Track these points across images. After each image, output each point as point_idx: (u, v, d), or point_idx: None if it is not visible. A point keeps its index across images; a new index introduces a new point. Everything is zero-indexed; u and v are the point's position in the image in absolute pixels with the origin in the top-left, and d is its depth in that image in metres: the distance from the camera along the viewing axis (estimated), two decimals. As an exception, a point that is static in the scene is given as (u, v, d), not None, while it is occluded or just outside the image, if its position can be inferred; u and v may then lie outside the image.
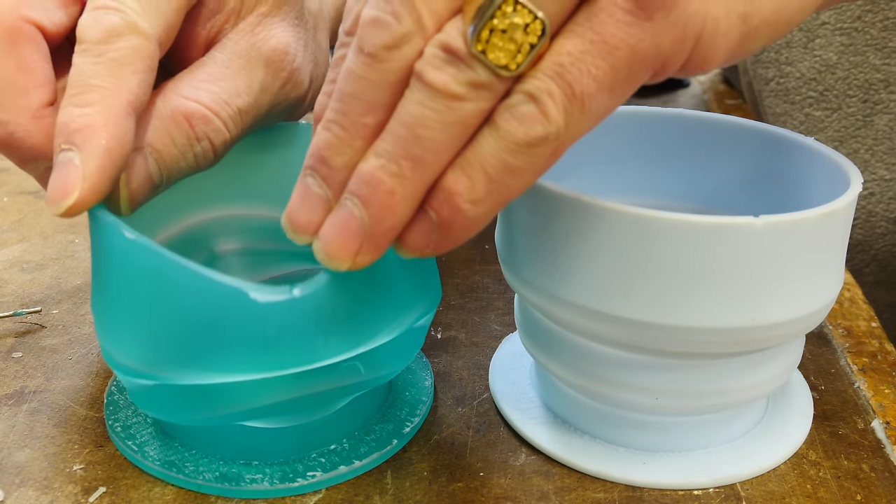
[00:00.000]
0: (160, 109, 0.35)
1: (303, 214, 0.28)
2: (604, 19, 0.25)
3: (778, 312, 0.32)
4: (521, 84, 0.25)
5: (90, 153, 0.31)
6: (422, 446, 0.37)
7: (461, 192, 0.26)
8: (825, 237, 0.32)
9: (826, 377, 0.41)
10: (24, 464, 0.35)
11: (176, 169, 0.35)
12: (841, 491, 0.34)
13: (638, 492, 0.34)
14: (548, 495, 0.34)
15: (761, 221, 0.30)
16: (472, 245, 0.51)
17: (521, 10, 0.25)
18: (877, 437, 0.37)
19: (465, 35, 0.25)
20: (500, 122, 0.26)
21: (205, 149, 0.36)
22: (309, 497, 0.34)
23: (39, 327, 0.44)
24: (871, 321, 0.45)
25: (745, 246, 0.30)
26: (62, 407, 0.39)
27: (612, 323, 0.32)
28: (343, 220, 0.27)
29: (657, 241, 0.30)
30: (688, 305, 0.31)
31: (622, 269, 0.31)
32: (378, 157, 0.26)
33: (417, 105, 0.26)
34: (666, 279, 0.31)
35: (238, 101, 0.37)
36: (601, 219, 0.31)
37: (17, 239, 0.52)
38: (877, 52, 0.58)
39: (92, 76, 0.32)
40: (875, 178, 0.60)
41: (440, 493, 0.34)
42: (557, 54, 0.25)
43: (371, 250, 0.27)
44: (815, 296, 0.33)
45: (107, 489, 0.34)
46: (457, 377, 0.41)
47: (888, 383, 0.40)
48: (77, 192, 0.31)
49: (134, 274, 0.31)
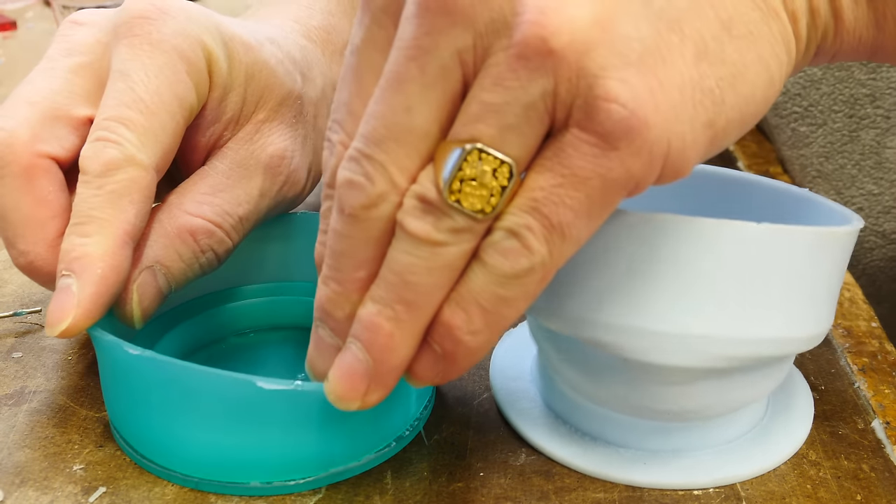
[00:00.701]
0: (166, 227, 0.37)
1: (320, 363, 0.30)
2: (571, 154, 0.26)
3: (770, 328, 0.32)
4: (501, 221, 0.26)
5: (86, 281, 0.34)
6: (422, 446, 0.37)
7: (460, 325, 0.28)
8: (824, 258, 0.32)
9: (826, 377, 0.41)
10: (24, 464, 0.35)
11: (183, 279, 0.38)
12: (841, 491, 0.34)
13: (638, 492, 0.34)
14: (548, 495, 0.34)
15: (763, 226, 0.30)
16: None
17: (486, 158, 0.26)
18: (877, 437, 0.37)
19: (437, 186, 0.26)
20: (486, 258, 0.27)
21: (209, 259, 0.38)
22: (309, 497, 0.34)
23: (39, 327, 0.44)
24: (871, 321, 0.45)
25: (743, 250, 0.31)
26: (62, 407, 0.39)
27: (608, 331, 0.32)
28: (349, 365, 0.29)
29: (662, 241, 0.30)
30: (686, 311, 0.31)
31: (622, 274, 0.31)
32: (375, 303, 0.28)
33: (404, 254, 0.27)
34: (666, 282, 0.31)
35: (239, 210, 0.39)
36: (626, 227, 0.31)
37: (17, 239, 0.52)
38: (862, 66, 0.58)
39: (92, 207, 0.35)
40: (863, 193, 0.60)
41: (440, 493, 0.34)
42: (531, 190, 0.26)
43: (379, 389, 0.29)
44: (805, 321, 0.33)
45: (107, 489, 0.34)
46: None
47: (888, 383, 0.40)
48: (71, 317, 0.34)
49: (142, 383, 0.34)
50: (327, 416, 0.33)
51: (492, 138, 0.26)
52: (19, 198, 0.36)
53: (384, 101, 0.26)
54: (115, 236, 0.35)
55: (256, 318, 0.44)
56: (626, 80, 0.25)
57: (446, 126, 0.27)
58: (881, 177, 0.59)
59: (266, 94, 0.41)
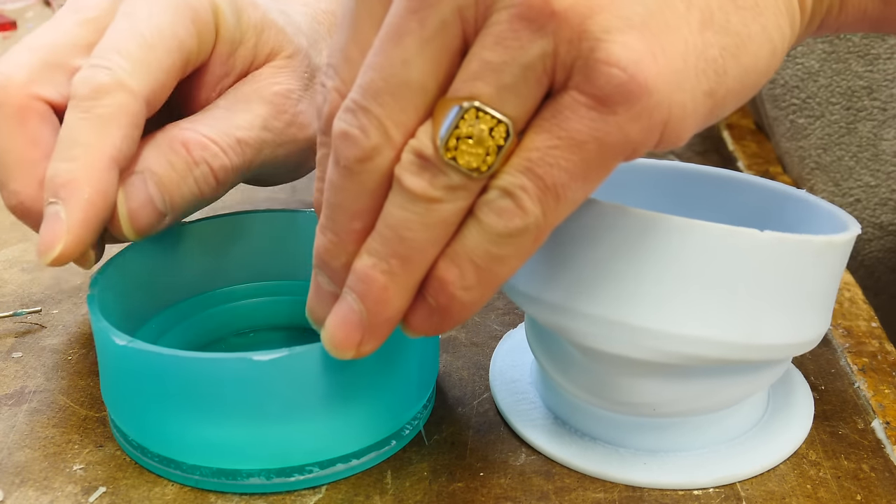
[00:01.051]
0: (158, 139, 0.37)
1: (319, 310, 0.30)
2: (568, 116, 0.25)
3: (769, 334, 0.32)
4: (496, 180, 0.26)
5: (73, 206, 0.34)
6: (421, 446, 0.37)
7: (453, 280, 0.28)
8: (822, 266, 0.32)
9: (826, 377, 0.41)
10: (24, 464, 0.35)
11: (178, 195, 0.37)
12: (841, 491, 0.34)
13: (638, 492, 0.34)
14: (548, 495, 0.34)
15: (766, 234, 0.30)
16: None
17: (483, 116, 0.26)
18: (877, 437, 0.37)
19: (434, 142, 0.26)
20: (481, 216, 0.27)
21: (204, 173, 0.37)
22: (309, 497, 0.34)
23: (39, 327, 0.44)
24: (871, 321, 0.45)
25: (746, 256, 0.31)
26: (62, 407, 0.39)
27: (611, 327, 0.32)
28: (344, 314, 0.29)
29: (664, 243, 0.31)
30: (685, 311, 0.31)
31: (623, 272, 0.31)
32: (370, 256, 0.28)
33: (399, 209, 0.27)
34: (668, 282, 0.31)
35: (238, 133, 0.38)
36: (605, 219, 0.31)
37: (17, 239, 0.52)
38: (859, 59, 0.58)
39: (78, 132, 0.35)
40: (860, 185, 0.60)
41: (440, 493, 0.34)
42: (527, 150, 0.26)
43: (372, 340, 0.29)
44: (801, 326, 0.33)
45: (107, 489, 0.34)
46: (457, 377, 0.41)
47: (888, 383, 0.40)
48: (62, 243, 0.34)
49: (131, 372, 0.34)
50: (324, 388, 0.33)
51: (490, 97, 0.25)
52: (12, 138, 0.36)
53: (382, 53, 0.26)
54: (101, 160, 0.34)
55: (256, 318, 0.44)
56: (628, 45, 0.25)
57: (444, 83, 0.26)
58: (878, 169, 0.59)
59: (275, 48, 0.41)
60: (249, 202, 0.56)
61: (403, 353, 0.35)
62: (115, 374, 0.35)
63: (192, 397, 0.33)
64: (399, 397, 0.36)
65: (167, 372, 0.33)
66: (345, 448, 0.35)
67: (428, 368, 0.37)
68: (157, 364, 0.33)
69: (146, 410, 0.34)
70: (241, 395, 0.33)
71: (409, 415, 0.37)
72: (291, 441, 0.34)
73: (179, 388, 0.33)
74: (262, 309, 0.44)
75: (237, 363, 0.32)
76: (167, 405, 0.33)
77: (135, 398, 0.34)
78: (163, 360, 0.33)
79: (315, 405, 0.33)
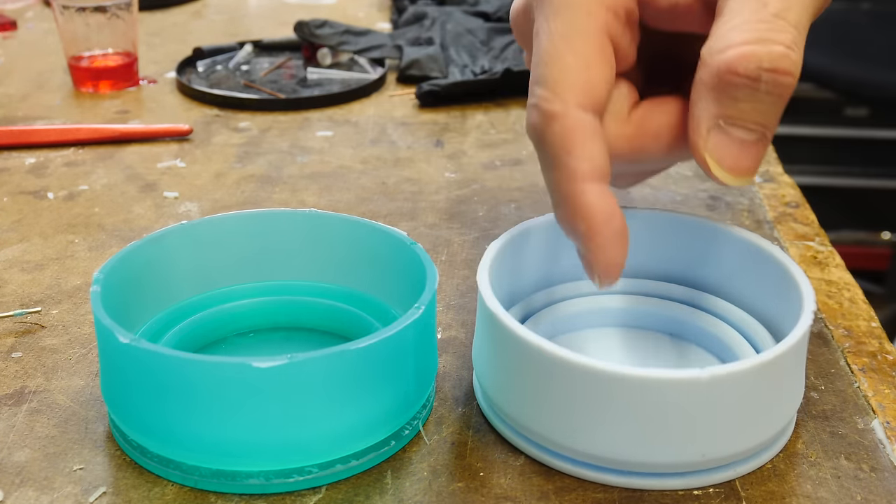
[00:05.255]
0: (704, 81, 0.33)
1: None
2: None
3: (729, 446, 0.34)
4: None
5: None
6: (421, 446, 0.37)
7: None
8: (770, 377, 0.34)
9: (826, 377, 0.41)
10: (24, 464, 0.35)
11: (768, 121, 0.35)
12: (841, 491, 0.34)
13: (638, 492, 0.34)
14: (548, 495, 0.34)
15: (706, 374, 0.32)
16: (472, 245, 0.52)
17: None
18: (877, 437, 0.37)
19: None
20: None
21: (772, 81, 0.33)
22: (309, 497, 0.34)
23: (39, 327, 0.44)
24: (871, 321, 0.45)
25: (693, 396, 0.32)
26: (62, 407, 0.39)
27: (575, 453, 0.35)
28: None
29: (617, 392, 0.33)
30: (643, 446, 0.33)
31: (586, 414, 0.33)
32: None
33: None
34: (624, 424, 0.33)
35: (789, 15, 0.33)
36: (568, 370, 0.33)
37: (17, 239, 0.52)
38: None
39: None
40: None
41: (440, 493, 0.34)
42: None
43: None
44: (770, 424, 0.35)
45: (107, 489, 0.34)
46: (457, 377, 0.41)
47: (888, 383, 0.40)
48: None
49: (133, 370, 0.34)
50: (323, 391, 0.33)
51: None
52: None
53: None
54: None
55: (256, 318, 0.44)
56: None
57: None
58: None
59: None
60: (250, 202, 0.56)
61: (402, 354, 0.35)
62: (116, 372, 0.35)
63: (193, 398, 0.33)
64: (398, 398, 0.36)
65: (168, 372, 0.33)
66: (344, 449, 0.35)
67: (427, 368, 0.37)
68: (158, 364, 0.33)
69: (147, 410, 0.34)
70: (241, 398, 0.33)
71: (409, 415, 0.37)
72: (291, 442, 0.34)
73: (180, 389, 0.33)
74: (262, 309, 0.44)
75: (238, 368, 0.32)
76: (168, 405, 0.34)
77: (136, 397, 0.34)
78: (164, 361, 0.33)
79: (314, 407, 0.33)
